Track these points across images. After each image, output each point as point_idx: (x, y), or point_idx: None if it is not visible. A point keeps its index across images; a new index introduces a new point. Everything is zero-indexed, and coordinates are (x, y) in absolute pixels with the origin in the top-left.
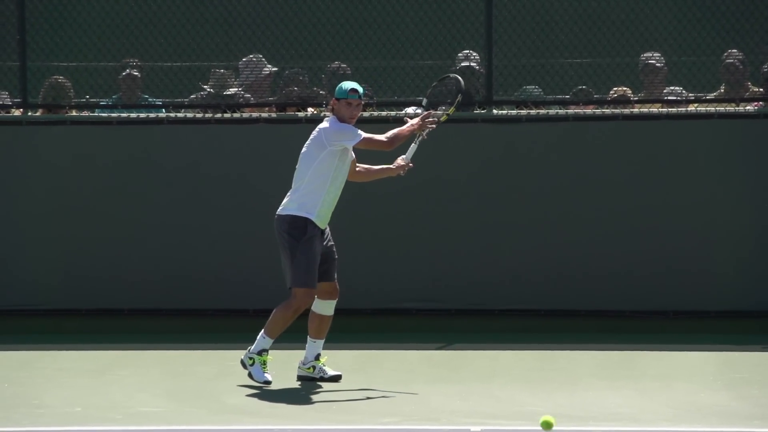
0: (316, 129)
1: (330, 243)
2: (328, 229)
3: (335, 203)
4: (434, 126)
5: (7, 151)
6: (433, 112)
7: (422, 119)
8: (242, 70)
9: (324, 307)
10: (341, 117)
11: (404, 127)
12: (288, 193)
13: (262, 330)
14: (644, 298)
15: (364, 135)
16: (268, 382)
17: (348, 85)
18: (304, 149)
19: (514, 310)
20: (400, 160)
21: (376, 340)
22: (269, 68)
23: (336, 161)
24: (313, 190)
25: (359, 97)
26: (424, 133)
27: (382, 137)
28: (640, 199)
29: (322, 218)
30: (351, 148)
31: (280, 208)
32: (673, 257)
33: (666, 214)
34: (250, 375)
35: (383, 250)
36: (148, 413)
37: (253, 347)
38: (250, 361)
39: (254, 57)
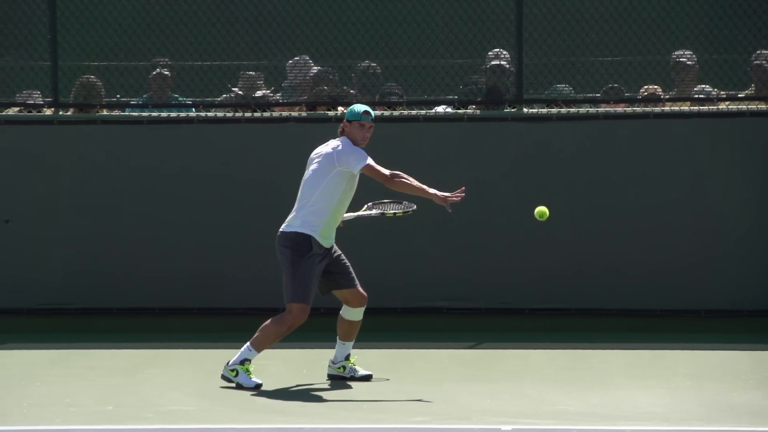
0: (328, 147)
1: (337, 253)
2: (334, 244)
3: (336, 225)
4: (409, 211)
5: (39, 150)
6: (452, 197)
7: (445, 197)
8: (290, 70)
9: (353, 314)
10: (353, 139)
11: (423, 186)
12: (293, 210)
13: (249, 342)
14: (676, 296)
15: (370, 162)
16: (260, 385)
17: (360, 107)
18: (313, 165)
19: (545, 309)
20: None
21: (406, 339)
22: (317, 69)
23: (345, 183)
24: (319, 210)
25: (372, 119)
26: (402, 211)
27: (385, 171)
28: (671, 197)
29: (324, 237)
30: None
31: (284, 225)
32: (705, 255)
33: (697, 211)
34: (239, 385)
35: (414, 249)
36: (180, 412)
37: (234, 359)
38: (233, 373)
39: (301, 58)
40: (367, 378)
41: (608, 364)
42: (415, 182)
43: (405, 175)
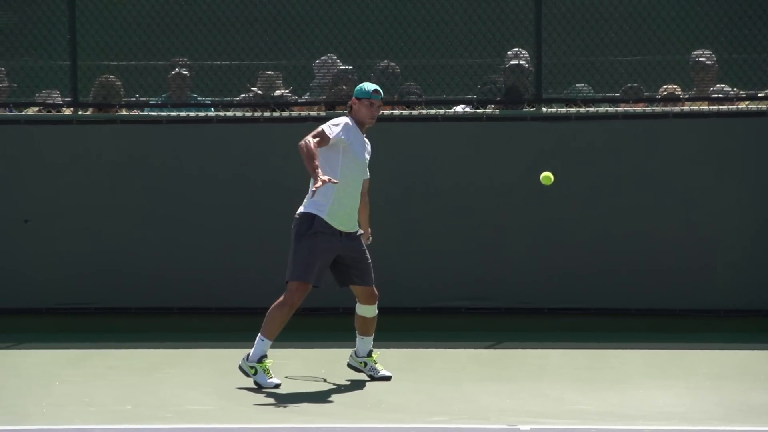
0: None
1: (359, 250)
2: (358, 234)
3: (353, 204)
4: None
5: (58, 150)
6: (323, 179)
7: (318, 178)
8: (317, 70)
9: (364, 310)
10: (360, 117)
11: (315, 162)
12: None
13: (260, 332)
14: (695, 296)
15: (323, 127)
16: (278, 385)
17: (370, 86)
18: None
19: (563, 308)
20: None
21: (425, 338)
22: (343, 67)
23: (340, 157)
24: (326, 188)
25: (381, 98)
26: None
27: (309, 138)
28: (690, 197)
29: (335, 216)
30: (362, 151)
31: None
32: (724, 255)
33: (716, 211)
34: (256, 384)
35: (432, 248)
36: (198, 411)
37: (251, 354)
38: (252, 371)
39: (329, 57)
40: (386, 378)
41: (627, 364)
42: (309, 156)
43: (309, 149)
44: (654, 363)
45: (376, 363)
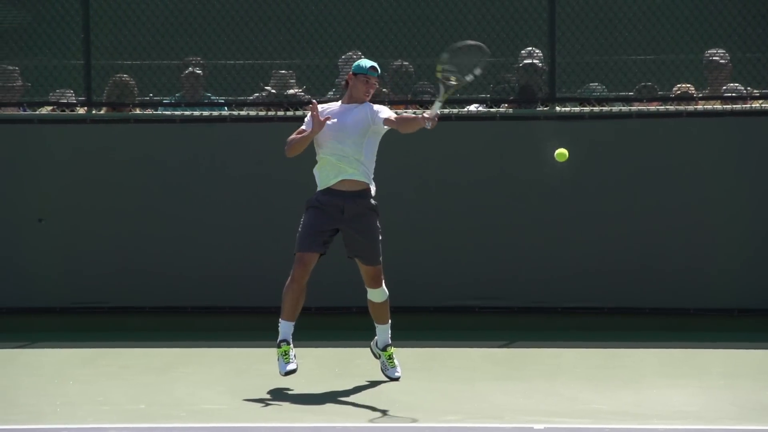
0: None
1: (367, 225)
2: (356, 211)
3: (335, 163)
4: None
5: (72, 149)
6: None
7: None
8: (342, 66)
9: (371, 294)
10: (356, 93)
11: (296, 136)
12: None
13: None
14: (709, 295)
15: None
16: (290, 372)
17: (367, 62)
18: None
19: (577, 307)
20: (427, 114)
21: (438, 338)
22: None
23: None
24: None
25: (377, 75)
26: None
27: (292, 137)
28: (704, 196)
29: (326, 176)
30: (342, 120)
31: None
32: (737, 254)
33: (730, 210)
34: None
35: (445, 247)
36: (212, 410)
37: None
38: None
39: (354, 53)
40: (393, 379)
41: (641, 363)
42: (291, 144)
43: (288, 144)
44: (668, 362)
45: (389, 359)
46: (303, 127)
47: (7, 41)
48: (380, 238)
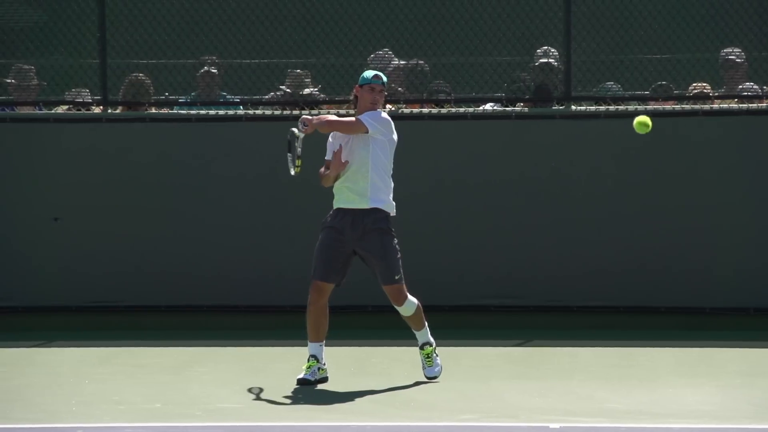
0: None
1: (376, 246)
2: (362, 230)
3: (346, 184)
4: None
5: (88, 148)
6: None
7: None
8: (372, 64)
9: (399, 310)
10: (363, 104)
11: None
12: None
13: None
14: (725, 294)
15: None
16: (303, 382)
17: (370, 72)
18: None
19: (593, 306)
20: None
21: (454, 336)
22: (397, 62)
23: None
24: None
25: (382, 83)
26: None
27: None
28: (720, 195)
29: (336, 202)
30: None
31: None
32: (754, 253)
33: (746, 209)
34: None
35: (461, 246)
36: (228, 409)
37: None
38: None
39: (383, 52)
40: (431, 379)
41: (657, 362)
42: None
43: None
44: (684, 361)
45: (426, 358)
46: (327, 157)
47: (24, 40)
48: (398, 256)
